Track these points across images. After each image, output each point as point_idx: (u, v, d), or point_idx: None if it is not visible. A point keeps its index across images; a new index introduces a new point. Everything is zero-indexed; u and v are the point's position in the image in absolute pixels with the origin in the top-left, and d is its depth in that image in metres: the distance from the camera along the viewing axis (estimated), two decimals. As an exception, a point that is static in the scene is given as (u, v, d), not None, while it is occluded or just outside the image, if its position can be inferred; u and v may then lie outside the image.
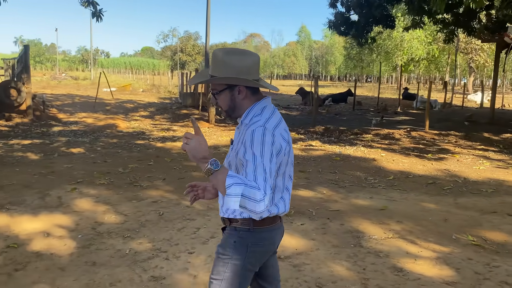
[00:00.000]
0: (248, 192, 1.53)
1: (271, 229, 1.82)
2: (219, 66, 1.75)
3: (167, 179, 6.38)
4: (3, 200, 5.04)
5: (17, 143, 9.23)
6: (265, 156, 1.62)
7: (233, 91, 1.78)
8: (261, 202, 1.54)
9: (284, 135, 1.75)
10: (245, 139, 1.68)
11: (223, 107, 1.84)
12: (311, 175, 6.85)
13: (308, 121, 14.46)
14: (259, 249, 1.81)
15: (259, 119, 1.73)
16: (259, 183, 1.56)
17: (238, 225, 1.79)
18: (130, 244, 3.85)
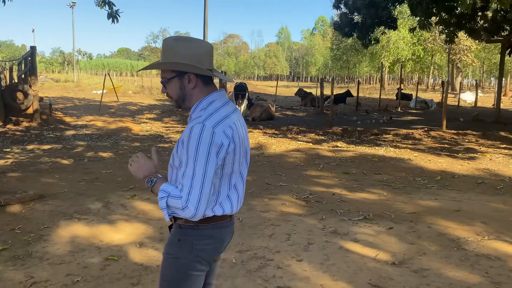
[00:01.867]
0: (171, 202, 1.59)
1: (217, 226, 1.75)
2: (168, 53, 1.70)
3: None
4: (67, 209, 4.79)
5: (36, 148, 8.87)
6: (198, 158, 1.58)
7: (182, 79, 1.72)
8: (186, 209, 1.57)
9: (227, 131, 1.65)
10: (183, 137, 1.64)
11: (173, 96, 1.76)
12: (357, 177, 6.81)
13: (319, 122, 14.46)
14: (206, 247, 1.75)
15: (201, 114, 1.67)
16: (184, 190, 1.58)
17: (182, 222, 1.73)
18: (231, 253, 3.70)
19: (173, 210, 1.62)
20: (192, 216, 1.59)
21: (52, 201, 5.10)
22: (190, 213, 1.58)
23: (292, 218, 4.62)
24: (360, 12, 15.86)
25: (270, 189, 5.96)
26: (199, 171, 1.57)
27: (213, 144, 1.59)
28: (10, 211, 4.66)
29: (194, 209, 1.57)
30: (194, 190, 1.57)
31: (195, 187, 1.57)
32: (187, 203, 1.56)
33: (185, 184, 1.58)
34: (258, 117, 14.29)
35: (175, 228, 1.76)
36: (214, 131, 1.60)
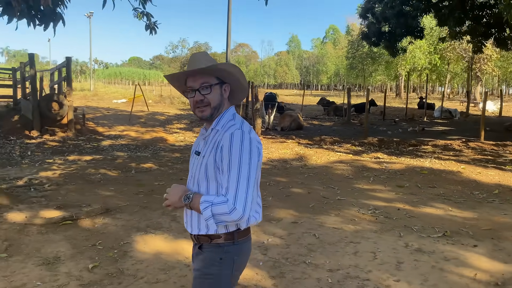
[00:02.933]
0: (216, 209, 1.60)
1: (249, 238, 1.83)
2: (211, 60, 1.80)
3: (274, 196, 6.14)
4: (138, 223, 4.75)
5: (78, 159, 8.88)
6: (242, 162, 1.62)
7: (221, 88, 1.80)
8: (233, 211, 1.58)
9: (257, 138, 1.75)
10: (222, 143, 1.66)
11: (213, 102, 1.78)
12: (413, 190, 6.69)
13: (350, 132, 14.34)
14: (242, 261, 1.80)
15: (234, 123, 1.74)
16: (230, 193, 1.60)
17: (221, 241, 1.74)
18: (320, 272, 3.61)
19: (219, 218, 1.61)
20: (240, 217, 1.60)
21: (120, 215, 5.06)
22: (239, 214, 1.59)
23: (369, 235, 4.52)
24: (388, 21, 15.81)
25: (330, 203, 5.87)
26: (244, 174, 1.61)
27: (253, 148, 1.66)
28: (82, 225, 4.63)
29: (242, 210, 1.59)
30: (240, 192, 1.59)
31: (241, 189, 1.59)
32: (235, 204, 1.58)
33: (231, 187, 1.60)
34: (288, 127, 14.24)
35: (213, 247, 1.75)
36: (251, 136, 1.68)
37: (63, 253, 3.82)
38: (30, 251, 3.84)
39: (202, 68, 1.75)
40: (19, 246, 3.93)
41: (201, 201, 1.64)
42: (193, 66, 1.77)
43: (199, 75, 1.77)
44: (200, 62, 1.76)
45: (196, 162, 1.80)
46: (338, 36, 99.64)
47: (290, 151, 10.28)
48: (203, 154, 1.76)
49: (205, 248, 1.77)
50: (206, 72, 1.76)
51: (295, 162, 8.99)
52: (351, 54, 45.74)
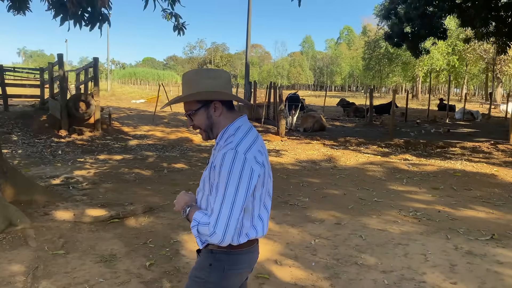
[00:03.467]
0: (201, 229, 1.62)
1: (248, 251, 1.76)
2: (191, 85, 1.73)
3: (311, 198, 6.14)
4: (183, 222, 4.79)
5: (108, 159, 8.99)
6: (229, 185, 1.59)
7: (208, 108, 1.74)
8: (213, 235, 1.58)
9: (258, 157, 1.67)
10: (215, 163, 1.65)
11: (201, 126, 1.77)
12: (449, 193, 6.63)
13: (373, 133, 14.26)
14: (235, 272, 1.76)
15: (231, 140, 1.68)
16: (212, 216, 1.60)
17: (214, 247, 1.72)
18: (373, 273, 3.61)
19: (204, 237, 1.64)
20: (220, 242, 1.60)
21: (163, 213, 5.11)
22: (218, 238, 1.59)
23: (416, 237, 4.50)
24: (412, 22, 15.67)
25: (368, 205, 5.85)
26: (229, 198, 1.58)
27: (245, 170, 1.60)
28: (129, 224, 4.70)
29: (222, 235, 1.58)
30: (222, 216, 1.58)
31: (223, 213, 1.58)
32: (215, 228, 1.58)
33: (215, 209, 1.60)
34: (311, 128, 14.21)
35: (206, 253, 1.75)
36: (246, 157, 1.62)
37: (118, 251, 3.88)
38: (85, 248, 3.91)
39: (172, 102, 1.80)
40: (74, 243, 4.00)
41: (193, 218, 1.67)
42: (182, 89, 1.79)
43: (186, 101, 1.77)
44: (183, 86, 1.76)
45: (204, 173, 1.80)
46: (353, 36, 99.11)
47: (317, 152, 10.27)
48: (207, 166, 1.76)
49: (201, 252, 1.79)
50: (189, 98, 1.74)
51: (325, 163, 8.97)
52: (367, 54, 45.47)
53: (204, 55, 68.18)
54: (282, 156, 9.72)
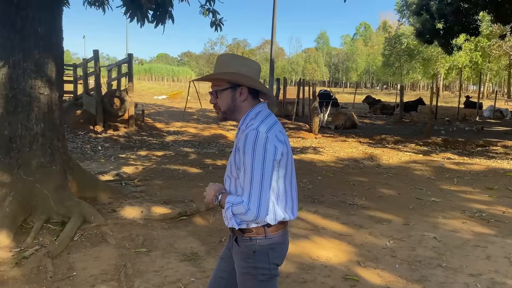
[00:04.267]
0: (235, 210, 1.69)
1: (283, 233, 1.84)
2: (226, 66, 1.79)
3: (367, 198, 6.05)
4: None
5: (149, 154, 9.02)
6: (255, 162, 1.64)
7: (235, 91, 1.79)
8: (248, 212, 1.64)
9: (279, 136, 1.74)
10: (239, 144, 1.70)
11: (222, 107, 1.82)
12: (505, 193, 6.49)
13: (407, 131, 14.06)
14: (278, 254, 1.83)
15: (253, 123, 1.75)
16: (245, 194, 1.66)
17: (253, 234, 1.78)
18: (461, 276, 3.52)
19: (239, 217, 1.70)
20: (255, 218, 1.65)
21: (226, 212, 5.08)
22: (253, 215, 1.64)
23: (492, 239, 4.40)
24: (445, 18, 15.39)
25: (427, 205, 5.74)
26: (257, 174, 1.64)
27: (268, 147, 1.66)
28: (197, 221, 4.68)
29: (256, 211, 1.64)
30: (254, 192, 1.64)
31: (254, 189, 1.64)
32: (249, 205, 1.64)
33: (246, 188, 1.66)
34: (342, 125, 14.09)
35: (246, 241, 1.80)
36: (267, 135, 1.68)
37: (198, 249, 3.86)
38: (164, 246, 3.90)
39: (206, 78, 1.84)
40: (152, 241, 3.99)
41: (226, 201, 1.73)
42: (214, 69, 1.83)
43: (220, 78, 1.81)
44: (216, 66, 1.82)
45: (230, 155, 1.86)
46: (370, 33, 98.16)
47: (355, 150, 10.16)
48: (232, 152, 1.82)
49: (240, 242, 1.83)
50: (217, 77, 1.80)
51: (367, 161, 8.87)
52: (387, 51, 44.93)
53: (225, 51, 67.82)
54: (321, 153, 9.64)
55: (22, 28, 4.27)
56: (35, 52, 4.37)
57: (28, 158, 4.39)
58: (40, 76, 4.43)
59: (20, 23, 4.26)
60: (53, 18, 4.53)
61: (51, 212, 4.27)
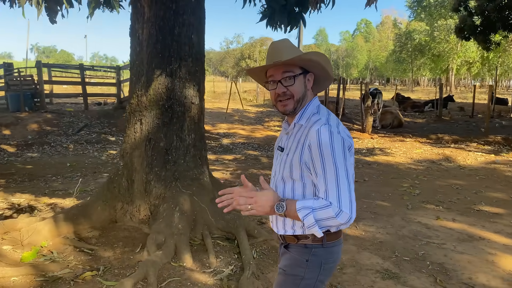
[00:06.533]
0: (319, 214, 1.47)
1: (340, 242, 1.69)
2: (294, 50, 1.63)
3: (485, 203, 5.90)
4: (397, 231, 4.60)
5: (220, 159, 8.84)
6: (337, 159, 1.49)
7: (305, 78, 1.67)
8: (340, 214, 1.45)
9: (347, 132, 1.61)
10: (310, 142, 1.53)
11: (296, 94, 1.64)
12: None
13: (455, 129, 13.95)
14: (331, 265, 1.68)
15: (319, 117, 1.60)
16: (331, 196, 1.47)
17: (309, 242, 1.63)
18: None
19: (324, 223, 1.49)
20: (348, 219, 1.47)
21: (364, 221, 4.92)
22: (346, 216, 1.46)
23: None
24: (487, 15, 15.29)
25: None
26: (342, 172, 1.49)
27: (345, 143, 1.53)
28: (351, 233, 4.51)
29: (349, 211, 1.47)
30: (343, 192, 1.47)
31: (343, 189, 1.47)
32: (340, 206, 1.46)
33: (331, 188, 1.48)
34: (390, 124, 13.95)
35: (300, 248, 1.65)
36: (339, 130, 1.55)
37: (385, 265, 3.69)
38: (349, 262, 3.73)
39: (287, 61, 1.62)
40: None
41: (298, 208, 1.51)
42: (275, 56, 1.63)
43: (289, 63, 1.64)
44: (282, 52, 1.62)
45: (280, 159, 1.69)
46: (370, 29, 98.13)
47: (423, 150, 10.03)
48: (287, 152, 1.64)
49: (291, 248, 1.68)
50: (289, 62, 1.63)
51: (445, 163, 8.74)
52: (398, 47, 44.86)
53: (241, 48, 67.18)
54: (392, 155, 9.50)
55: (179, 35, 4.08)
56: (189, 60, 4.19)
57: (183, 170, 4.21)
58: (193, 85, 4.25)
59: (177, 29, 4.07)
60: (200, 24, 4.34)
61: (211, 226, 4.09)
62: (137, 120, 4.21)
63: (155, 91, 4.10)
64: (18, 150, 9.11)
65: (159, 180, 4.13)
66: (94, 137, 10.48)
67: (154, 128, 4.16)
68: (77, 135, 10.47)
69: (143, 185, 4.15)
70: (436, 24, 38.35)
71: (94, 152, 9.21)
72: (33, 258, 3.59)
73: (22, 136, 9.98)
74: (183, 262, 3.51)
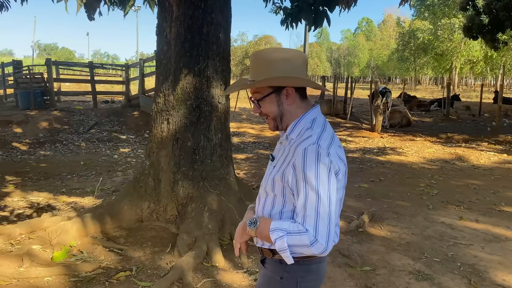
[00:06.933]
0: (293, 240, 1.36)
1: (320, 260, 1.53)
2: (263, 68, 1.47)
3: (505, 203, 5.88)
4: (422, 231, 4.58)
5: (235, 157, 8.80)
6: (320, 184, 1.35)
7: (280, 95, 1.50)
8: (315, 244, 1.33)
9: (340, 153, 1.47)
10: (295, 160, 1.41)
11: (270, 114, 1.53)
12: None
13: (463, 128, 13.93)
14: (311, 284, 1.53)
15: (310, 134, 1.45)
16: (308, 222, 1.34)
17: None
18: None
19: (297, 249, 1.37)
20: (323, 251, 1.34)
21: (387, 221, 4.91)
22: (321, 248, 1.33)
23: None
24: (495, 14, 15.25)
25: None
26: (324, 199, 1.35)
27: (332, 167, 1.38)
28: (373, 233, 4.50)
29: (325, 243, 1.33)
30: (322, 221, 1.34)
31: (322, 217, 1.34)
32: (316, 236, 1.33)
33: (309, 215, 1.34)
34: (398, 123, 13.93)
35: (274, 264, 1.53)
36: (329, 152, 1.40)
37: (417, 266, 3.67)
38: (380, 263, 3.72)
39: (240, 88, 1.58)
40: (360, 258, 3.81)
41: (271, 229, 1.40)
42: (250, 70, 1.53)
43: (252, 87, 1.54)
44: (252, 70, 1.52)
45: (269, 169, 1.58)
46: (372, 27, 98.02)
47: (434, 150, 10.01)
48: (275, 164, 1.54)
49: (267, 263, 1.58)
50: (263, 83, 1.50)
51: (458, 162, 8.72)
52: (401, 46, 44.82)
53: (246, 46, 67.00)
54: (404, 154, 9.48)
55: (207, 33, 4.06)
56: (216, 59, 4.17)
57: (210, 170, 4.20)
58: (220, 85, 4.23)
59: (206, 28, 4.05)
60: (227, 23, 4.32)
61: (238, 226, 4.07)
62: (164, 119, 4.19)
63: (183, 90, 4.08)
64: (31, 148, 9.10)
65: (187, 179, 4.11)
66: (105, 135, 10.46)
67: (182, 128, 4.15)
68: (88, 133, 10.45)
69: (170, 184, 4.14)
70: (439, 22, 38.30)
71: (106, 151, 9.20)
72: (64, 258, 3.58)
73: (33, 134, 9.97)
74: (215, 262, 3.49)
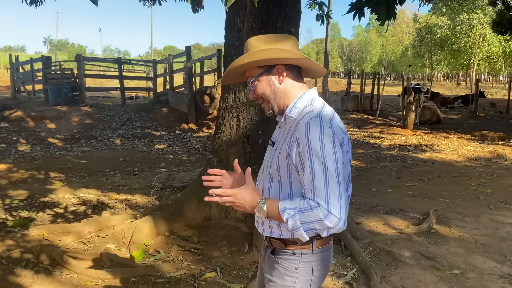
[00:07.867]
0: (305, 217, 1.30)
1: (330, 246, 1.53)
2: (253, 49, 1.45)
3: None
4: (493, 233, 4.45)
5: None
6: (326, 155, 1.30)
7: (271, 74, 1.46)
8: (328, 216, 1.27)
9: (342, 126, 1.42)
10: (297, 135, 1.36)
11: (264, 97, 1.49)
12: None
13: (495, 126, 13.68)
14: (322, 272, 1.52)
15: (311, 110, 1.42)
16: (319, 196, 1.29)
17: (297, 247, 1.46)
18: None
19: (310, 225, 1.31)
20: (337, 223, 1.29)
21: (456, 222, 4.78)
22: (335, 220, 1.28)
23: None
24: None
25: None
26: (332, 170, 1.30)
27: (336, 138, 1.34)
28: (443, 232, 4.37)
29: (339, 214, 1.28)
30: (332, 193, 1.29)
31: (332, 189, 1.29)
32: (329, 208, 1.28)
33: (319, 188, 1.30)
34: (429, 120, 13.73)
35: (287, 255, 1.48)
36: (332, 124, 1.37)
37: (501, 268, 3.54)
38: (463, 265, 3.59)
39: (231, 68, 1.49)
40: (443, 261, 3.69)
41: (281, 208, 1.34)
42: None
43: (243, 68, 1.50)
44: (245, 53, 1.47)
45: (269, 154, 1.53)
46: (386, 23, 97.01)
47: (472, 148, 9.82)
48: (277, 146, 1.49)
49: (278, 255, 1.51)
50: (247, 65, 1.47)
51: (501, 160, 8.53)
52: (418, 42, 44.28)
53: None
54: (442, 152, 9.31)
55: (281, 28, 3.95)
56: (288, 55, 4.04)
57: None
58: (291, 80, 4.11)
59: (280, 23, 3.94)
60: (298, 17, 4.20)
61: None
62: (233, 116, 4.09)
63: (256, 87, 3.97)
64: (67, 144, 9.08)
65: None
66: (138, 132, 10.42)
67: (253, 125, 4.05)
68: (121, 129, 10.41)
69: (241, 183, 4.04)
70: (457, 18, 37.73)
71: (142, 147, 9.15)
72: (142, 258, 3.51)
73: (67, 130, 9.95)
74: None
